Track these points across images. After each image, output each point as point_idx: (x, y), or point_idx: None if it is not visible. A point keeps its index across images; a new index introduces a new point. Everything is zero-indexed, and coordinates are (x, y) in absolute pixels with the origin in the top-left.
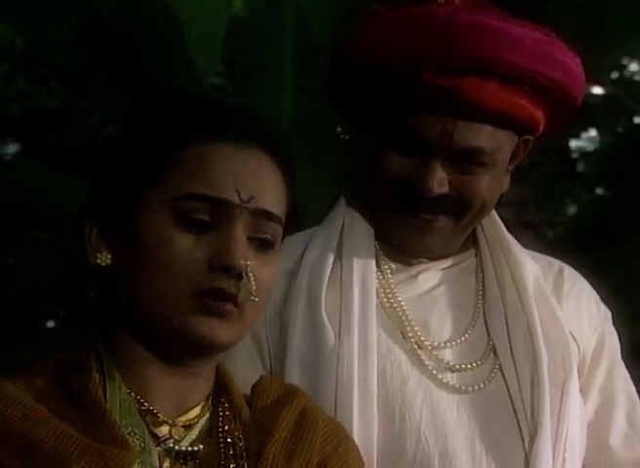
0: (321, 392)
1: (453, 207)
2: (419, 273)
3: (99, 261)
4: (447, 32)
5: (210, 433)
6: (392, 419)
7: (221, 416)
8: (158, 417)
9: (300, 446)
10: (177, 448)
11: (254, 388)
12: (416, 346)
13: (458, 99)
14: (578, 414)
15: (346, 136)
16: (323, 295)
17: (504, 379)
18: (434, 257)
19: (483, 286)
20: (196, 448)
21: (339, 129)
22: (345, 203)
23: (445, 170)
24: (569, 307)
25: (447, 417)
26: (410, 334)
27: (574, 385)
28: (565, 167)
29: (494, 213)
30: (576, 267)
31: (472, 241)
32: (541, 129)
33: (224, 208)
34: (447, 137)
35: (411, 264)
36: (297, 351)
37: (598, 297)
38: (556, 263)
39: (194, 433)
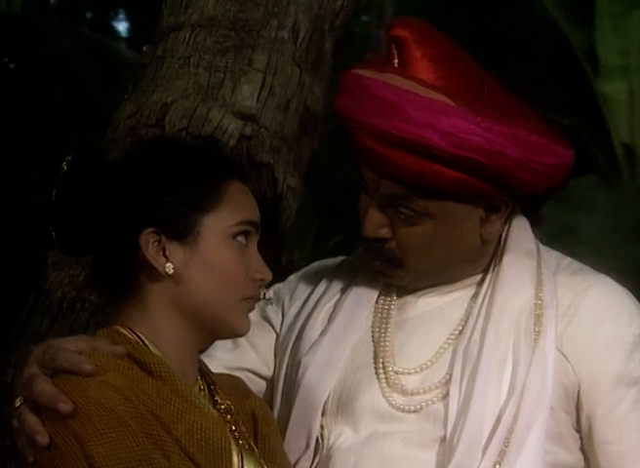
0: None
1: (387, 252)
2: (422, 295)
3: (167, 271)
4: (355, 92)
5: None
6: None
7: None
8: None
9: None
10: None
11: None
12: (382, 370)
13: (369, 159)
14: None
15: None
16: (329, 303)
17: (446, 405)
18: (443, 281)
19: (468, 315)
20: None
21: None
22: None
23: (387, 214)
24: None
25: (386, 445)
26: (380, 355)
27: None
28: None
29: (518, 237)
30: None
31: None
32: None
33: (254, 229)
34: (375, 183)
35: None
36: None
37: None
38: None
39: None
